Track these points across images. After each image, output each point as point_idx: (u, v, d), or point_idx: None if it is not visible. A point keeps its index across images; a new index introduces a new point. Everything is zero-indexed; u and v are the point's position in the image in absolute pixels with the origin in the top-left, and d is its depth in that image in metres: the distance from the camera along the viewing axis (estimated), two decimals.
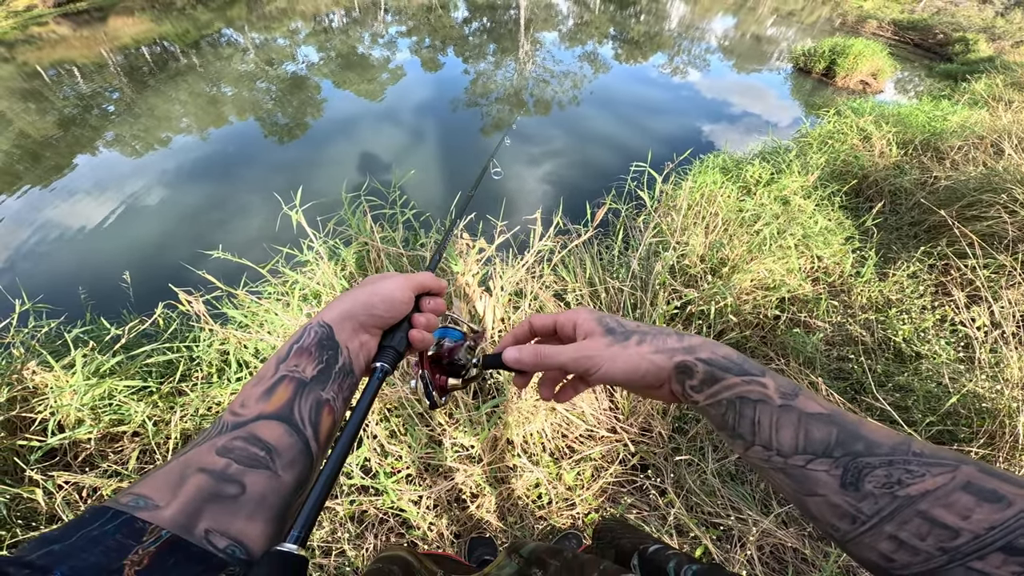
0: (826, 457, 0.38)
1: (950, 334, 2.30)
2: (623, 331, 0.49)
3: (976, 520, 0.32)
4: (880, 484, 0.36)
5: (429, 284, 0.57)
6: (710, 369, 0.45)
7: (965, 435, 1.82)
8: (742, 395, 0.43)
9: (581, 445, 1.89)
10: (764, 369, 0.45)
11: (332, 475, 0.39)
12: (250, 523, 0.37)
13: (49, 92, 9.05)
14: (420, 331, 0.54)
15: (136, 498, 0.34)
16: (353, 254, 2.30)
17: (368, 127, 6.97)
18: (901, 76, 10.13)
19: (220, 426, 0.41)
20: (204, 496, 0.35)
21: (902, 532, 0.34)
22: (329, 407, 0.45)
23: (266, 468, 0.39)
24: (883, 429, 0.39)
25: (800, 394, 0.42)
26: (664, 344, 0.47)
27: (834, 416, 0.40)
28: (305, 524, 0.35)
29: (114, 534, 0.32)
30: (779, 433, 0.41)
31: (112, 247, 4.53)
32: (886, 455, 0.37)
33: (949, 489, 0.34)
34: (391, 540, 1.69)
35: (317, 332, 0.47)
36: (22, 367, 2.01)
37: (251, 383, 0.44)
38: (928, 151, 4.04)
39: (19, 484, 1.69)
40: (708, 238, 2.67)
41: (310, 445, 0.43)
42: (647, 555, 0.76)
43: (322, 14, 15.15)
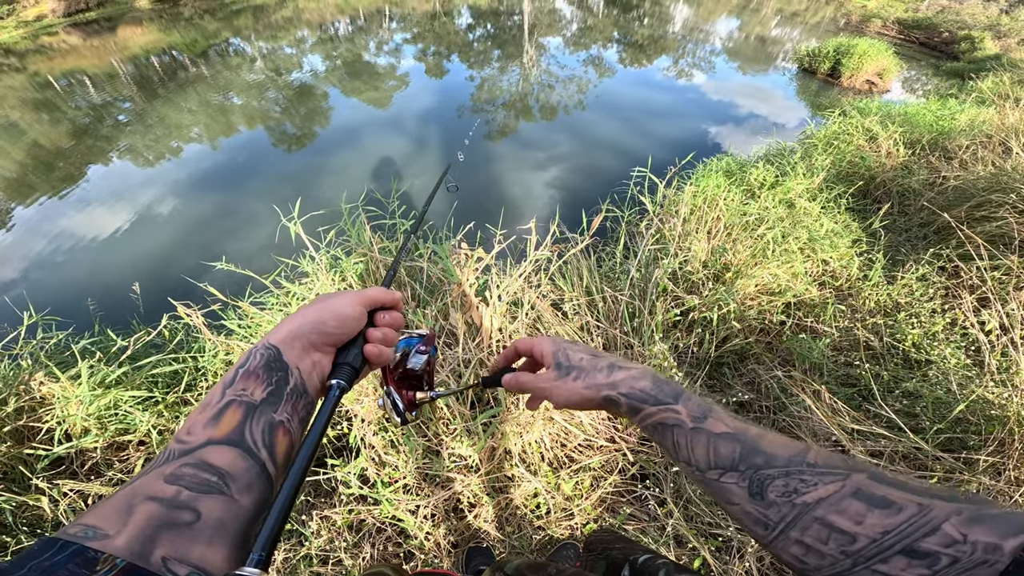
0: (734, 471, 0.43)
1: (960, 338, 2.25)
2: (567, 366, 0.58)
3: (869, 525, 0.35)
4: (780, 493, 0.40)
5: (381, 298, 0.57)
6: (630, 402, 0.52)
7: (975, 442, 1.78)
8: (660, 422, 0.50)
9: (580, 455, 1.88)
10: (679, 395, 0.51)
11: (290, 495, 0.39)
12: (211, 549, 0.36)
13: (61, 102, 9.22)
14: (376, 345, 0.54)
15: (85, 528, 0.34)
16: (353, 264, 2.32)
17: (375, 135, 7.02)
18: (908, 75, 10.01)
19: (167, 454, 0.40)
20: (156, 524, 0.35)
21: (806, 537, 0.37)
22: (284, 428, 0.45)
23: (220, 493, 0.38)
24: (781, 441, 0.44)
25: (709, 416, 0.47)
26: (593, 381, 0.55)
27: (738, 434, 0.45)
28: (265, 545, 0.35)
29: (66, 563, 0.31)
30: (694, 452, 0.47)
31: (123, 257, 4.59)
32: (783, 466, 0.41)
33: (840, 496, 0.37)
34: (388, 549, 1.69)
35: (263, 354, 0.47)
36: (29, 378, 2.04)
37: (197, 410, 0.44)
38: (936, 151, 3.98)
39: (25, 492, 1.72)
40: (711, 243, 2.65)
41: (267, 467, 0.42)
42: (637, 565, 0.77)
43: (328, 23, 15.31)
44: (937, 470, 1.68)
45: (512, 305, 2.00)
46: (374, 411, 1.80)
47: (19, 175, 6.43)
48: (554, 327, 1.97)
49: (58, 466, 1.93)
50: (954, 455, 1.72)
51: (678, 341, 2.23)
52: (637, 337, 2.06)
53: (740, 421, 0.47)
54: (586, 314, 2.07)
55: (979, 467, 1.65)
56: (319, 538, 1.67)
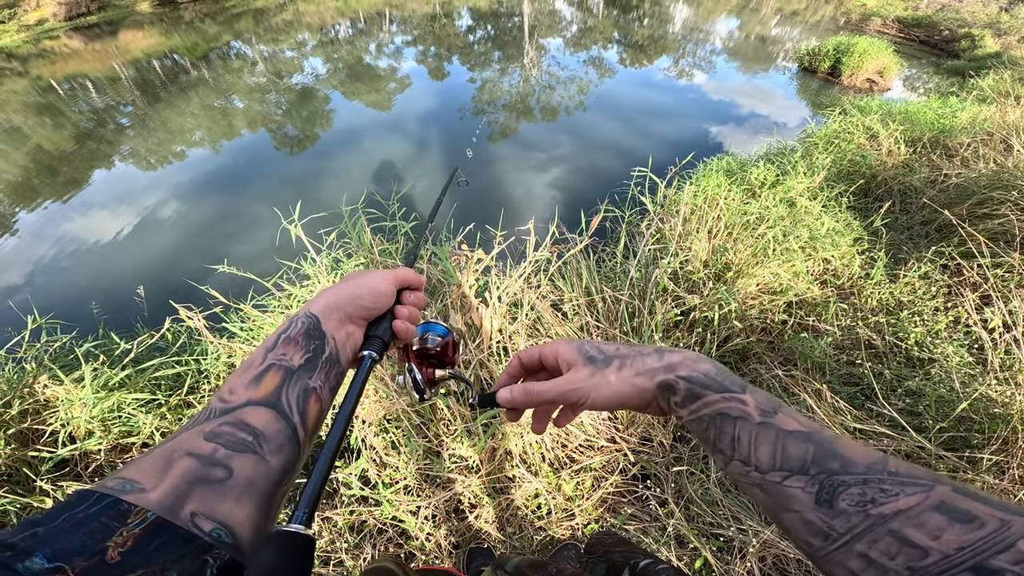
0: (802, 474, 0.39)
1: (964, 336, 2.25)
2: (603, 358, 0.50)
3: (946, 540, 0.32)
4: (854, 502, 0.36)
5: (410, 279, 0.59)
6: (691, 386, 0.45)
7: (978, 441, 1.77)
8: (722, 412, 0.44)
9: (581, 455, 1.88)
10: (745, 385, 0.45)
11: (331, 456, 0.41)
12: (237, 506, 0.37)
13: (64, 106, 9.27)
14: (403, 322, 0.56)
15: (122, 482, 0.35)
16: (354, 266, 2.32)
17: (376, 138, 7.03)
18: (909, 74, 9.99)
19: (208, 412, 0.42)
20: (191, 479, 0.36)
21: (872, 551, 0.34)
22: (316, 395, 0.46)
23: (253, 452, 0.40)
24: (860, 447, 0.39)
25: (780, 411, 0.43)
26: (644, 365, 0.48)
27: (812, 434, 0.41)
28: (309, 504, 0.36)
29: (99, 516, 0.32)
30: (757, 450, 0.41)
31: (126, 261, 4.61)
32: (861, 473, 0.37)
33: (922, 509, 0.34)
34: (390, 550, 1.69)
35: (304, 322, 0.49)
36: (34, 381, 2.06)
37: (239, 371, 0.45)
38: (937, 149, 3.97)
39: (30, 494, 1.73)
40: (712, 243, 2.64)
41: (297, 432, 0.44)
42: (638, 570, 0.76)
43: (328, 25, 15.36)
44: (941, 470, 1.67)
45: (512, 306, 2.00)
46: (375, 413, 1.80)
47: (23, 179, 6.46)
48: (554, 328, 1.97)
49: (62, 468, 1.94)
50: (957, 454, 1.72)
51: (679, 341, 2.23)
52: (637, 337, 2.06)
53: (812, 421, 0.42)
54: (586, 314, 2.07)
55: (983, 466, 1.65)
56: (321, 539, 1.68)
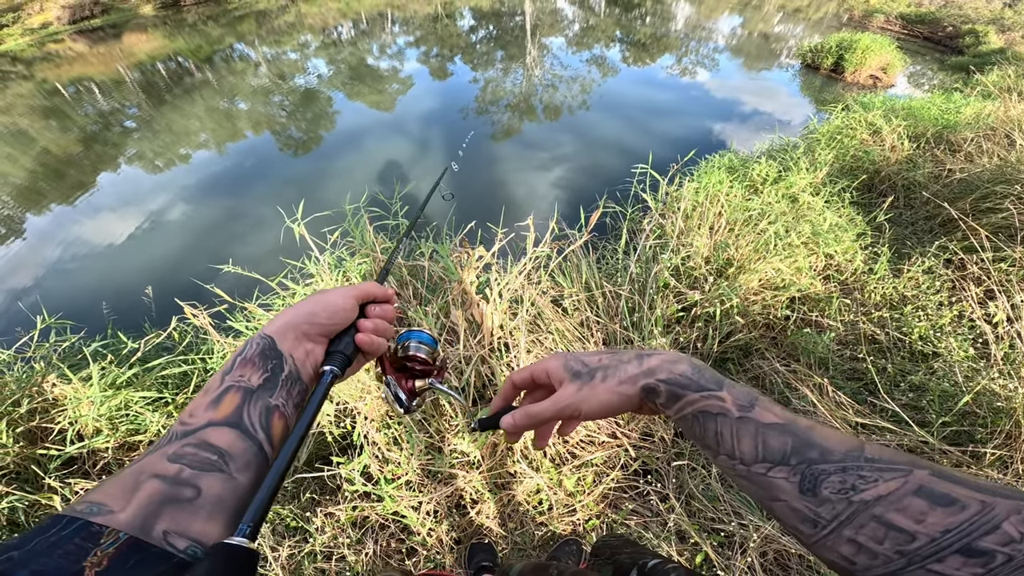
0: (784, 465, 0.40)
1: (967, 331, 2.24)
2: (587, 371, 0.52)
3: (931, 523, 0.33)
4: (836, 490, 0.37)
5: (374, 292, 0.59)
6: (671, 388, 0.47)
7: (981, 435, 1.77)
8: (703, 410, 0.45)
9: (582, 451, 1.88)
10: (722, 381, 0.47)
11: (281, 471, 0.41)
12: (209, 524, 0.38)
13: (69, 109, 9.33)
14: (367, 335, 0.56)
15: (90, 505, 0.35)
16: (357, 264, 2.34)
17: (379, 138, 7.05)
18: (913, 70, 9.92)
19: (170, 436, 0.42)
20: (159, 500, 0.37)
21: (860, 536, 0.35)
22: (279, 412, 0.47)
23: (219, 471, 0.40)
24: (837, 435, 0.41)
25: (756, 405, 0.44)
26: (626, 373, 0.50)
27: (788, 425, 0.42)
28: (254, 518, 0.36)
29: (71, 538, 0.32)
30: (740, 444, 0.43)
31: (134, 262, 4.64)
32: (839, 461, 0.38)
33: (902, 494, 0.35)
34: (391, 546, 1.70)
35: (259, 343, 0.49)
36: (42, 380, 2.08)
37: (199, 396, 0.46)
38: (941, 144, 3.95)
39: (38, 491, 1.74)
40: (713, 239, 2.64)
41: (264, 448, 0.44)
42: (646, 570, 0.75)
43: (330, 27, 15.40)
44: (944, 464, 1.67)
45: (513, 302, 2.01)
46: (377, 408, 1.81)
47: (30, 183, 6.51)
48: (554, 323, 1.98)
49: (70, 466, 1.96)
50: (960, 448, 1.71)
51: (680, 336, 2.23)
52: (637, 332, 2.06)
53: (789, 412, 0.44)
54: (586, 310, 2.07)
55: (986, 460, 1.64)
56: (323, 535, 1.69)
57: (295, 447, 0.43)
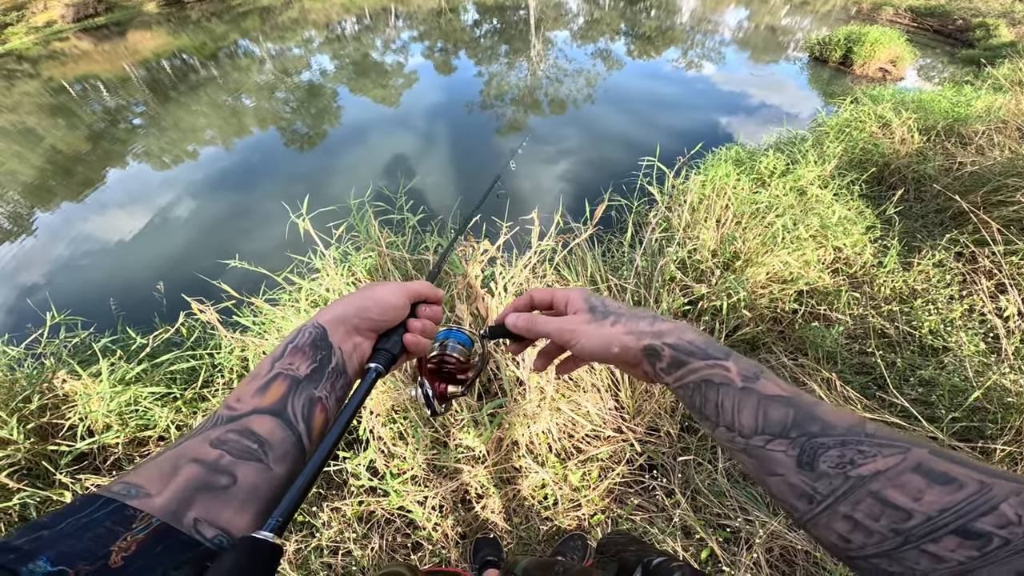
0: (783, 438, 0.40)
1: (978, 325, 2.21)
2: (604, 311, 0.52)
3: (927, 502, 0.32)
4: (834, 464, 0.37)
5: (425, 292, 0.59)
6: (676, 354, 0.47)
7: (991, 431, 1.75)
8: (706, 378, 0.45)
9: (588, 445, 1.88)
10: (729, 352, 0.46)
11: (316, 468, 0.41)
12: (239, 514, 0.38)
13: (76, 107, 9.39)
14: (415, 335, 0.56)
15: (127, 486, 0.35)
16: (362, 259, 2.34)
17: (385, 132, 7.05)
18: (923, 63, 9.77)
19: (215, 419, 0.42)
20: (195, 486, 0.37)
21: (856, 512, 0.35)
22: (321, 405, 0.47)
23: (258, 460, 0.40)
24: (839, 411, 0.40)
25: (761, 376, 0.44)
26: (636, 327, 0.50)
27: (792, 398, 0.41)
28: (284, 512, 0.36)
29: (104, 521, 0.32)
30: (740, 414, 0.42)
31: (143, 258, 4.68)
32: (840, 435, 0.38)
33: (900, 470, 0.34)
34: (397, 540, 1.71)
35: (312, 333, 0.49)
36: (52, 376, 2.10)
37: (247, 380, 0.46)
38: (951, 137, 3.89)
39: (49, 487, 1.76)
40: (720, 232, 2.62)
41: (303, 440, 0.44)
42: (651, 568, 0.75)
43: (334, 22, 15.38)
44: None
45: (518, 295, 2.00)
46: (383, 403, 1.82)
47: (40, 180, 6.56)
48: None
49: (81, 461, 1.97)
50: (970, 444, 1.69)
51: None
52: None
53: (793, 386, 0.43)
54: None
55: (996, 456, 1.62)
56: (330, 529, 1.70)
57: (332, 444, 0.43)
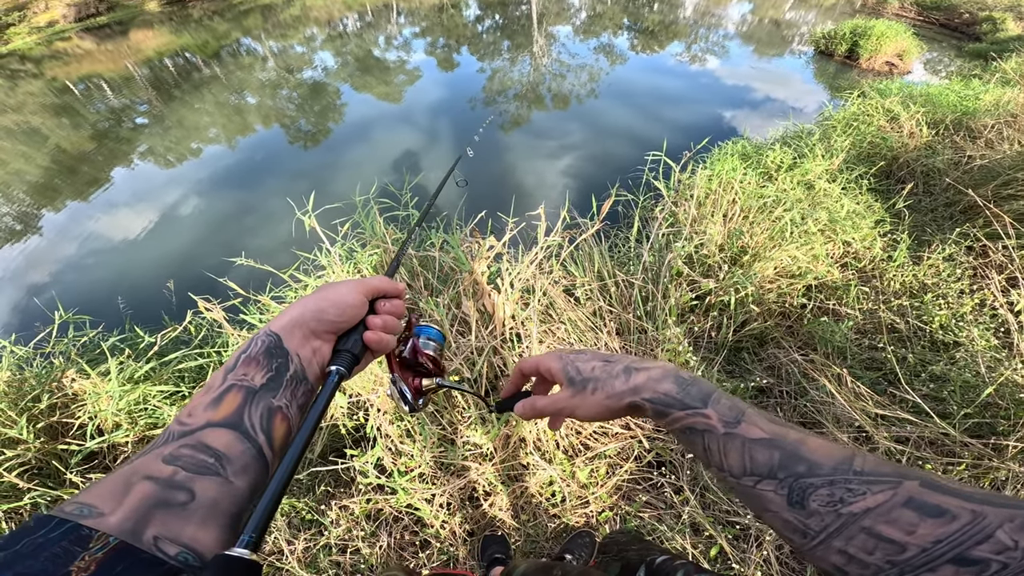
0: (771, 479, 0.41)
1: (990, 319, 2.18)
2: (581, 380, 0.54)
3: (921, 534, 0.33)
4: (824, 503, 0.38)
5: (384, 287, 0.58)
6: (655, 407, 0.49)
7: (1004, 428, 1.72)
8: (689, 426, 0.47)
9: (595, 442, 1.87)
10: (708, 397, 0.48)
11: (284, 479, 0.39)
12: (202, 529, 0.36)
13: (80, 106, 9.41)
14: (375, 332, 0.54)
15: (80, 506, 0.34)
16: (368, 255, 2.34)
17: (388, 129, 7.03)
18: (930, 57, 9.66)
19: (167, 436, 0.40)
20: (150, 503, 0.35)
21: (850, 547, 0.36)
22: (282, 414, 0.45)
23: (216, 475, 0.39)
24: (825, 447, 0.41)
25: (743, 420, 0.45)
26: (613, 389, 0.52)
27: (775, 440, 0.42)
28: (256, 527, 0.35)
29: (60, 540, 0.31)
30: (727, 458, 0.44)
31: (150, 256, 4.68)
32: (827, 475, 0.39)
33: (890, 506, 0.35)
34: (405, 538, 1.71)
35: (264, 341, 0.48)
36: (61, 375, 2.11)
37: (199, 394, 0.44)
38: (960, 131, 3.85)
39: (60, 487, 1.77)
40: (727, 226, 2.60)
41: (263, 451, 0.43)
42: (654, 567, 0.76)
43: (336, 19, 15.35)
44: (965, 457, 1.63)
45: (524, 292, 2.00)
46: (389, 400, 1.81)
47: (46, 180, 6.59)
48: (567, 313, 1.96)
49: (90, 460, 1.98)
50: (982, 441, 1.67)
51: (694, 325, 2.20)
52: (651, 321, 2.04)
53: (778, 425, 0.44)
54: (598, 299, 2.05)
55: (1008, 453, 1.60)
56: (338, 527, 1.70)
57: (299, 452, 0.41)
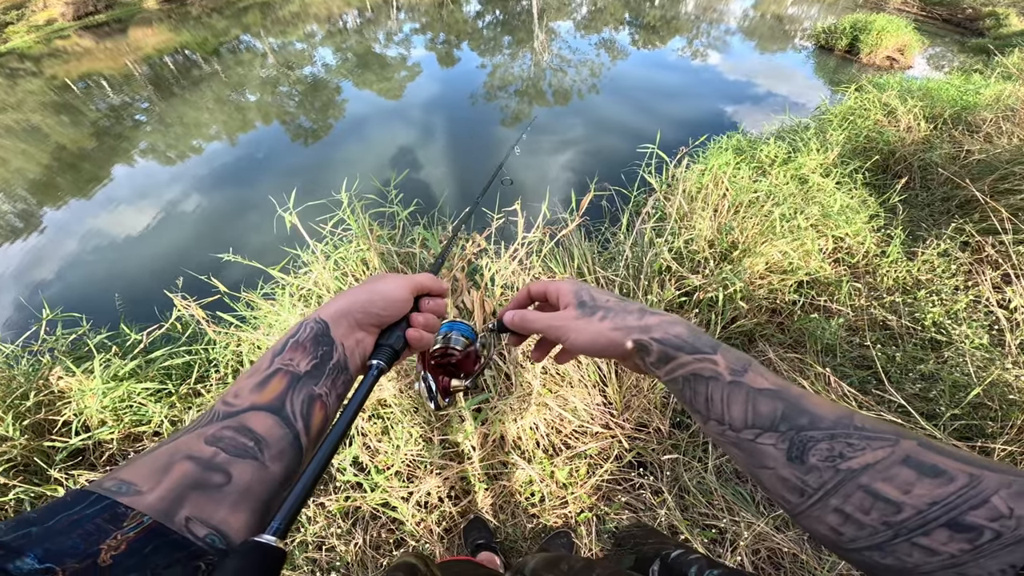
0: (773, 431, 0.40)
1: (983, 317, 2.15)
2: (592, 305, 0.53)
3: (917, 494, 0.32)
4: (823, 457, 0.37)
5: (429, 285, 0.58)
6: (663, 348, 0.47)
7: (992, 429, 1.69)
8: (695, 372, 0.45)
9: (576, 441, 1.86)
10: (717, 345, 0.46)
11: (319, 469, 0.39)
12: (233, 513, 0.37)
13: (80, 104, 9.44)
14: (418, 330, 0.55)
15: (119, 483, 0.34)
16: (353, 252, 2.33)
17: (390, 125, 7.01)
18: (932, 52, 9.56)
19: (212, 415, 0.41)
20: (188, 484, 0.36)
21: (847, 506, 0.35)
22: (321, 402, 0.46)
23: (253, 458, 0.39)
24: (827, 403, 0.40)
25: (749, 370, 0.44)
26: (623, 322, 0.50)
27: (780, 391, 0.41)
28: (286, 516, 0.35)
29: (94, 518, 0.31)
30: (730, 408, 0.42)
31: (150, 253, 4.69)
32: (828, 428, 0.37)
33: (889, 463, 0.34)
34: (381, 536, 1.70)
35: (313, 328, 0.48)
36: (48, 372, 2.12)
37: (246, 375, 0.45)
38: (959, 125, 3.80)
39: (44, 483, 1.77)
40: (717, 221, 2.57)
41: (300, 438, 0.43)
42: (668, 560, 0.75)
43: (336, 16, 15.32)
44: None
45: (505, 288, 1.98)
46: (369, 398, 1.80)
47: (47, 178, 6.61)
48: None
49: (76, 457, 1.98)
50: (970, 443, 1.65)
51: None
52: None
53: (781, 378, 0.43)
54: None
55: (995, 456, 1.57)
56: (314, 524, 1.69)
57: (334, 445, 0.42)
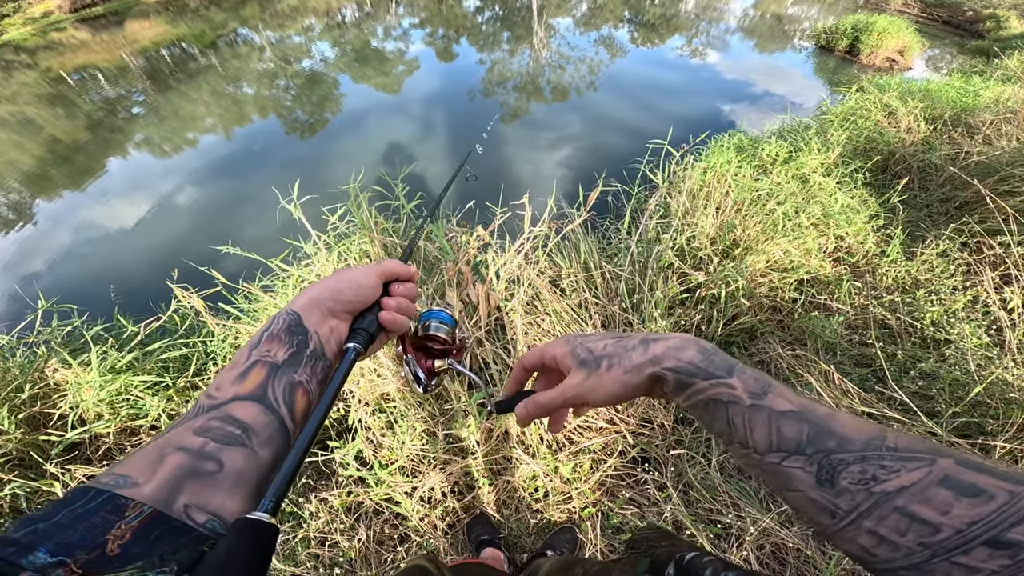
0: (799, 454, 0.38)
1: (983, 316, 2.16)
2: (594, 359, 0.51)
3: (956, 515, 0.31)
4: (855, 480, 0.36)
5: (397, 270, 0.60)
6: (678, 376, 0.46)
7: (992, 428, 1.71)
8: (713, 398, 0.44)
9: (580, 437, 1.85)
10: (733, 366, 0.45)
11: (304, 448, 0.41)
12: (229, 498, 0.38)
13: (75, 96, 9.34)
14: (390, 312, 0.57)
15: (116, 477, 0.36)
16: (356, 243, 2.31)
17: (386, 120, 7.01)
18: (932, 53, 9.62)
19: (197, 409, 0.43)
20: (183, 473, 0.37)
21: (881, 528, 0.34)
22: (303, 388, 0.48)
23: (242, 446, 0.41)
24: (856, 423, 0.38)
25: (769, 392, 0.42)
26: (631, 362, 0.49)
27: (805, 413, 0.40)
28: (276, 494, 0.37)
29: (97, 511, 0.33)
30: (753, 432, 0.41)
31: (145, 245, 4.67)
32: (859, 451, 0.36)
33: (925, 484, 0.33)
34: (385, 531, 1.69)
35: (286, 319, 0.51)
36: (44, 365, 2.08)
37: (226, 369, 0.47)
38: (959, 126, 3.82)
39: (40, 478, 1.74)
40: (719, 219, 2.58)
41: (286, 423, 0.45)
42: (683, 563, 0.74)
43: (334, 9, 15.22)
44: None
45: (510, 282, 1.97)
46: (371, 391, 1.80)
47: (40, 170, 6.54)
48: (552, 304, 1.94)
49: (72, 451, 1.96)
50: (970, 441, 1.65)
51: (682, 319, 2.18)
52: (636, 314, 2.01)
53: (804, 398, 0.42)
54: (584, 291, 2.03)
55: (995, 454, 1.58)
56: (317, 520, 1.68)
57: (317, 423, 0.44)
